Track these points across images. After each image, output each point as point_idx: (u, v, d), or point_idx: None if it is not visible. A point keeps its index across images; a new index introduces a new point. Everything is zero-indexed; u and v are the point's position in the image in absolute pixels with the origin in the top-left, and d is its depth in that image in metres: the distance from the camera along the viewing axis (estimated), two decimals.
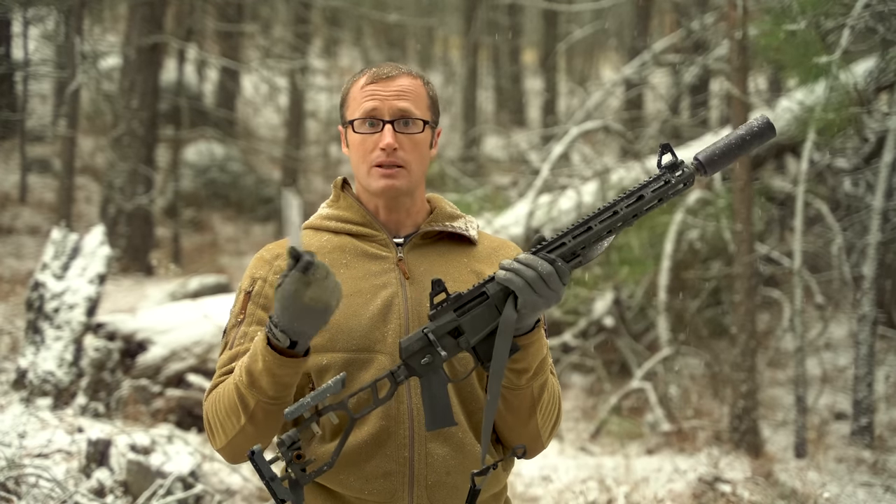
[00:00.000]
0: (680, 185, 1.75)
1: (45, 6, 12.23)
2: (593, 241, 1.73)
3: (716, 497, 4.98)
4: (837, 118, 5.92)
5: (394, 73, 1.89)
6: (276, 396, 1.71)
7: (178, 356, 6.05)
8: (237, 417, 1.75)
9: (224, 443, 1.80)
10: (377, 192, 1.88)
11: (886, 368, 7.14)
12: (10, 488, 3.95)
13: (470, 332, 1.72)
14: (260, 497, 4.72)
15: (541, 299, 1.69)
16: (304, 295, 1.59)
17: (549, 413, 1.87)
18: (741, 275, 6.08)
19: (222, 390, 1.79)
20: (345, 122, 1.92)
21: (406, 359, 1.72)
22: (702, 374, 7.62)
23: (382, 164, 1.85)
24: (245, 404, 1.73)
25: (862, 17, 5.64)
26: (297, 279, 1.59)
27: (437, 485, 1.81)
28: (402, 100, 1.86)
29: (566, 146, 8.01)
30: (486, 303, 1.72)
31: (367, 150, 1.87)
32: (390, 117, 1.86)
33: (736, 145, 1.76)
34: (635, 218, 1.75)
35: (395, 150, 1.85)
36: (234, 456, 1.82)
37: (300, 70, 13.29)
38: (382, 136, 1.85)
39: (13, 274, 9.64)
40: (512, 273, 1.69)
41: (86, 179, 13.00)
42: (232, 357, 1.84)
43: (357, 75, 1.94)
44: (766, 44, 6.05)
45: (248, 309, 1.87)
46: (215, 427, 1.81)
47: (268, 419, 1.75)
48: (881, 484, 5.35)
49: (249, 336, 1.84)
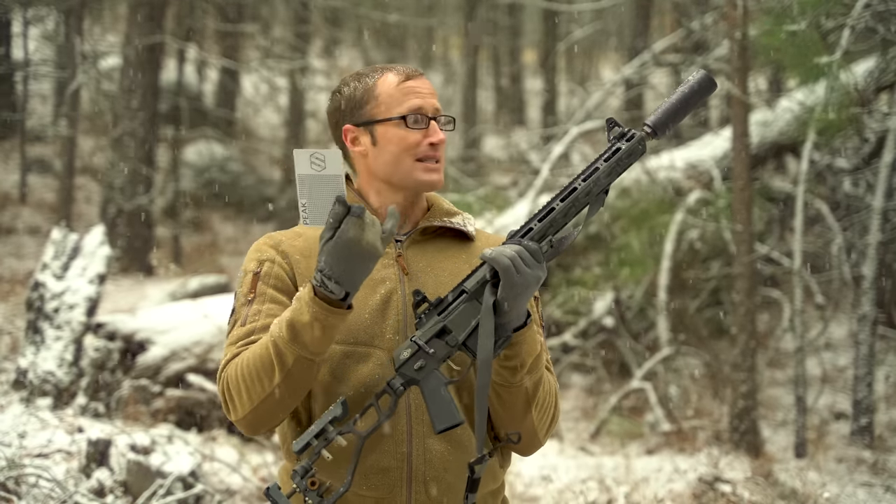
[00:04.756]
0: (632, 151, 1.80)
1: (45, 6, 12.24)
2: (561, 221, 1.77)
3: (716, 497, 4.98)
4: (837, 118, 5.92)
5: (420, 72, 1.95)
6: (318, 352, 1.72)
7: (178, 356, 6.05)
8: (269, 377, 1.74)
9: (248, 409, 1.78)
10: (422, 185, 1.90)
11: (886, 368, 7.14)
12: (10, 488, 3.95)
13: (457, 330, 1.74)
14: (260, 497, 4.72)
15: (521, 278, 1.71)
16: (362, 238, 1.64)
17: (546, 410, 1.88)
18: (741, 275, 6.08)
19: (250, 354, 1.77)
20: (372, 120, 1.91)
21: (399, 368, 1.73)
22: (702, 374, 7.62)
23: (427, 159, 1.89)
24: (283, 361, 1.72)
25: (862, 17, 5.64)
26: (354, 223, 1.64)
27: (435, 481, 1.82)
28: (435, 98, 1.93)
29: (566, 146, 8.01)
30: (465, 298, 1.75)
31: (411, 146, 1.89)
32: (433, 114, 1.91)
33: (680, 104, 1.82)
34: (604, 194, 1.79)
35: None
36: (256, 424, 1.81)
37: (300, 70, 13.30)
38: (432, 132, 1.89)
39: (13, 274, 9.65)
40: (496, 253, 1.72)
41: (86, 179, 12.99)
42: (248, 332, 1.83)
43: (371, 74, 1.94)
44: (767, 44, 6.06)
45: (259, 288, 1.87)
46: (239, 393, 1.79)
47: (303, 376, 1.74)
48: (881, 484, 5.35)
49: (265, 313, 1.84)
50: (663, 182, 7.94)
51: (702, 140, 8.61)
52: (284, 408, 1.78)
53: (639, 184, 7.95)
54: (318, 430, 1.68)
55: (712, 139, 8.39)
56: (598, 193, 1.78)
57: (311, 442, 1.68)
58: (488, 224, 7.70)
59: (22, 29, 12.46)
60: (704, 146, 8.34)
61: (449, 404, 1.73)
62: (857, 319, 6.08)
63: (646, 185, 7.92)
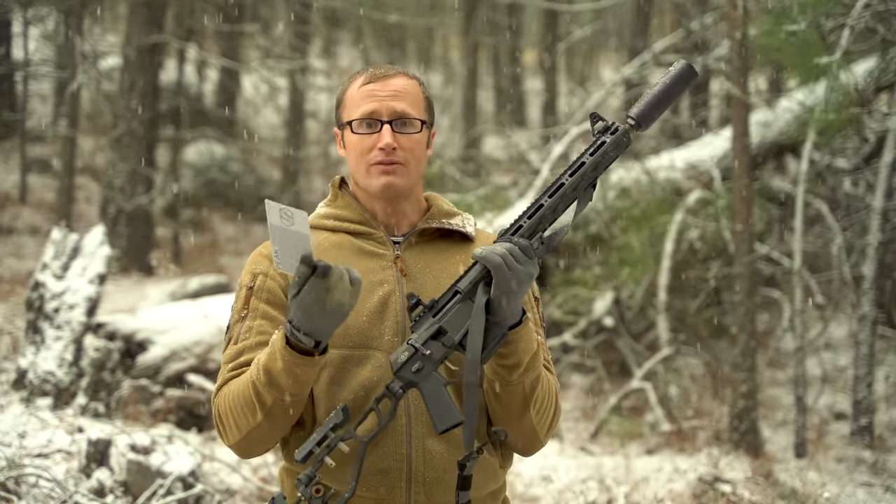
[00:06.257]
0: (618, 144, 1.80)
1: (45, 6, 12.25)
2: (550, 217, 1.77)
3: (716, 497, 4.98)
4: (837, 118, 5.92)
5: (390, 73, 1.91)
6: (295, 394, 1.73)
7: (178, 356, 6.05)
8: (253, 414, 1.77)
9: (238, 438, 1.81)
10: (377, 190, 1.89)
11: (886, 368, 7.14)
12: (10, 488, 3.95)
13: (452, 330, 1.75)
14: (260, 497, 4.73)
15: (513, 275, 1.71)
16: (326, 300, 1.62)
17: (545, 409, 1.87)
18: (741, 275, 6.08)
19: (236, 387, 1.79)
20: (341, 123, 1.93)
21: (397, 372, 1.73)
22: (702, 374, 7.62)
23: (381, 163, 1.87)
24: (262, 402, 1.74)
25: (862, 17, 5.64)
26: (317, 285, 1.61)
27: (435, 481, 1.82)
28: (398, 100, 1.88)
29: (566, 146, 8.01)
30: (459, 298, 1.76)
31: (365, 150, 1.88)
32: (388, 118, 1.87)
33: (663, 95, 1.82)
34: (592, 188, 1.79)
35: (394, 150, 1.86)
36: (248, 451, 1.85)
37: (300, 70, 13.29)
38: (381, 136, 1.86)
39: (13, 274, 9.65)
40: (487, 251, 1.72)
41: (86, 179, 13.00)
42: (239, 352, 1.85)
43: (352, 77, 1.95)
44: (767, 44, 6.06)
45: (252, 304, 1.88)
46: (228, 424, 1.82)
47: (284, 416, 1.77)
48: (881, 484, 5.35)
49: (255, 330, 1.85)
50: (663, 182, 7.94)
51: (702, 140, 8.61)
52: (273, 437, 1.81)
53: (639, 184, 7.95)
54: (320, 438, 1.69)
55: (712, 139, 8.39)
56: (585, 188, 1.79)
57: (314, 450, 1.69)
58: (488, 224, 7.69)
59: (22, 29, 12.46)
60: (704, 146, 8.34)
61: (449, 405, 1.73)
62: (857, 319, 6.08)
63: (646, 185, 7.92)
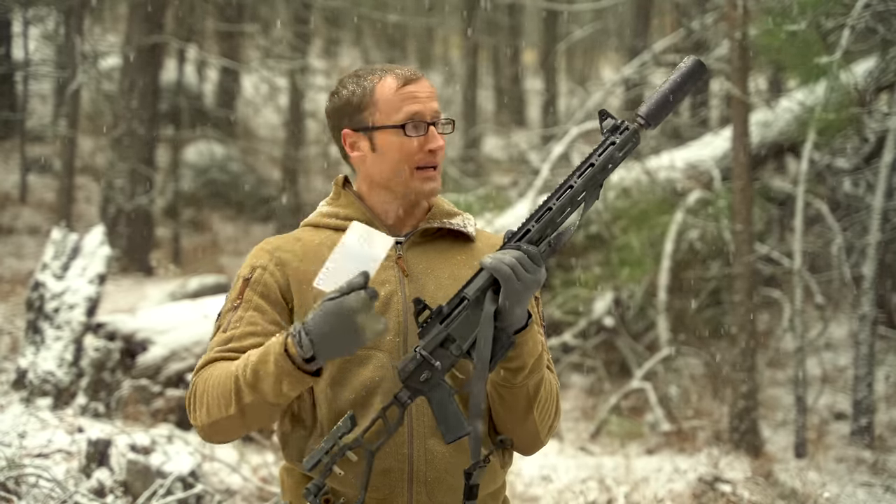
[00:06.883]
0: (627, 144, 1.77)
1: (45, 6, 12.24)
2: (559, 220, 1.75)
3: (716, 497, 4.98)
4: (837, 118, 5.92)
5: (419, 74, 1.91)
6: (275, 402, 1.73)
7: (178, 356, 6.05)
8: (227, 406, 1.76)
9: (206, 422, 1.80)
10: (421, 193, 1.89)
11: (886, 368, 7.14)
12: (10, 488, 3.95)
13: (461, 338, 1.73)
14: (260, 497, 4.72)
15: (521, 285, 1.70)
16: (358, 314, 1.62)
17: (547, 410, 1.88)
18: (741, 275, 6.08)
19: (219, 373, 1.78)
20: (371, 126, 1.88)
21: (405, 381, 1.73)
22: (702, 374, 7.62)
23: (425, 166, 1.86)
24: (240, 399, 1.74)
25: (862, 17, 5.64)
26: (362, 299, 1.63)
27: (437, 482, 1.82)
28: (434, 101, 1.89)
29: (566, 146, 8.01)
30: (467, 306, 1.74)
31: (410, 153, 1.86)
32: (431, 119, 1.87)
33: (672, 92, 1.79)
34: (599, 188, 1.76)
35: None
36: (211, 436, 1.84)
37: (300, 70, 13.28)
38: (431, 139, 1.86)
39: (13, 274, 9.64)
40: (496, 261, 1.71)
41: (86, 179, 12.99)
42: (227, 339, 1.84)
43: (368, 77, 1.90)
44: (767, 44, 6.06)
45: (246, 295, 1.87)
46: (200, 404, 1.81)
47: (259, 416, 1.76)
48: (881, 484, 5.35)
49: (246, 321, 1.84)
50: (663, 182, 7.94)
51: (702, 140, 8.61)
52: (240, 432, 1.81)
53: (639, 184, 7.95)
54: (328, 447, 1.69)
55: (712, 139, 8.39)
56: (593, 189, 1.77)
57: (322, 459, 1.69)
58: (488, 224, 7.69)
59: (22, 29, 12.46)
60: (704, 146, 8.34)
61: (457, 414, 1.74)
62: (857, 319, 6.08)
63: (646, 185, 7.91)
